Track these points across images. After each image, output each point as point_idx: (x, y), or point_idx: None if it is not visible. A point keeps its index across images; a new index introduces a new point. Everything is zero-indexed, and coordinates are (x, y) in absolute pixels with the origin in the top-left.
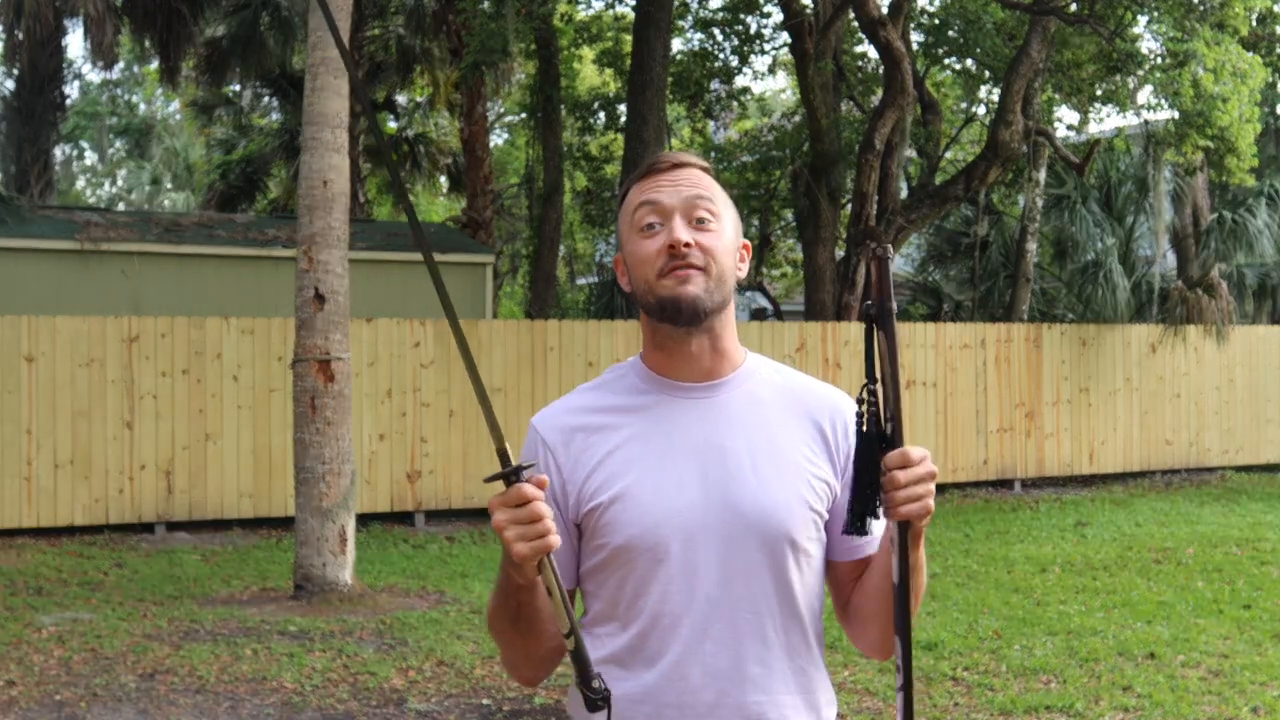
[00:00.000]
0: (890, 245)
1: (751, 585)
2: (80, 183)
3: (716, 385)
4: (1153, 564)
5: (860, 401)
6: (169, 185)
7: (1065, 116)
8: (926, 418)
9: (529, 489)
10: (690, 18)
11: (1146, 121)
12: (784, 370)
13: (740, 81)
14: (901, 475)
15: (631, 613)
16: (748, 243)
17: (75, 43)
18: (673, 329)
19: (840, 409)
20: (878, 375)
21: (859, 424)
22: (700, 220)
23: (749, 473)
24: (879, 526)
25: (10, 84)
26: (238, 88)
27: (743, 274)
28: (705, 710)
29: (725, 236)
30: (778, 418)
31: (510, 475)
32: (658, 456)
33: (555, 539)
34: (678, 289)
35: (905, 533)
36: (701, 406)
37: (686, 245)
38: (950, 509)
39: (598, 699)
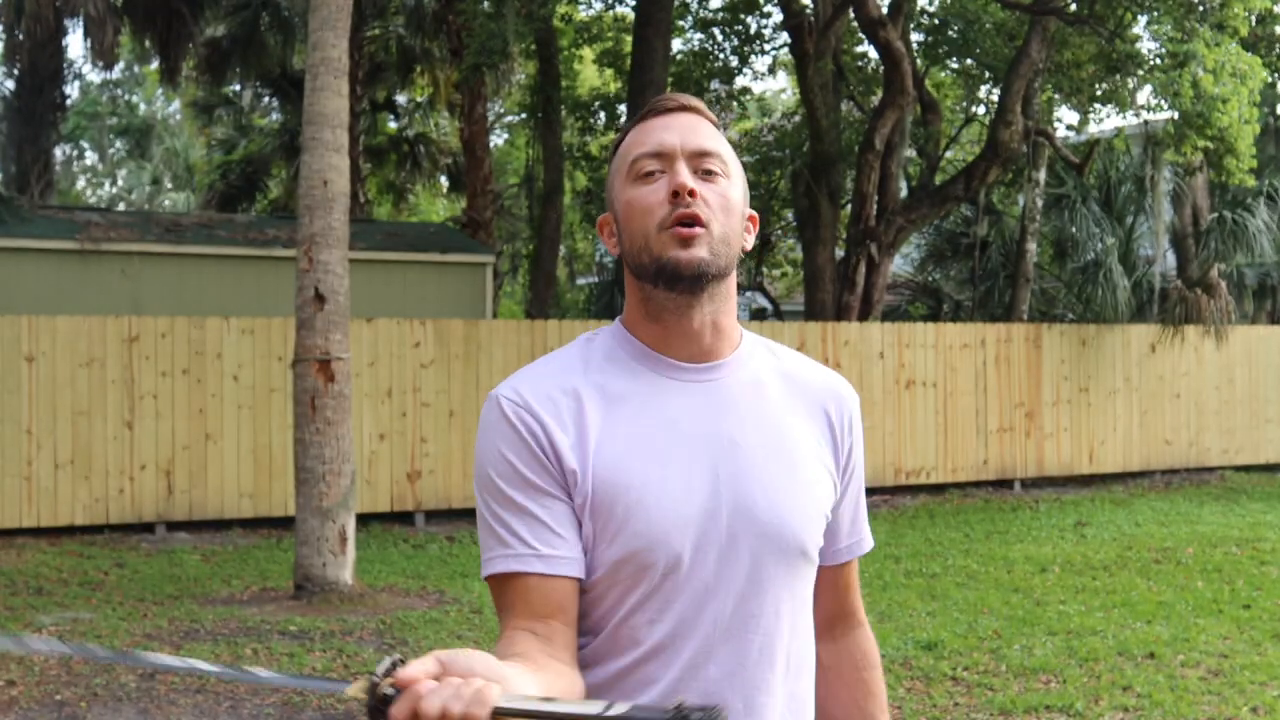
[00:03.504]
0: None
1: (764, 603)
2: (80, 183)
3: (717, 366)
4: (1152, 564)
5: None
6: (169, 185)
7: (1065, 116)
8: (926, 418)
9: (412, 686)
10: (690, 18)
11: (1146, 122)
12: (779, 350)
13: (740, 82)
14: None
15: (626, 635)
16: (754, 214)
17: (75, 43)
18: (670, 296)
19: (845, 397)
20: None
21: None
22: (708, 172)
23: (763, 472)
24: (863, 529)
25: (10, 84)
26: (238, 88)
27: (748, 245)
28: None
29: (735, 194)
30: (783, 406)
31: (379, 707)
32: (662, 449)
33: (488, 691)
34: (680, 252)
35: None
36: (704, 391)
37: (691, 193)
38: (950, 509)
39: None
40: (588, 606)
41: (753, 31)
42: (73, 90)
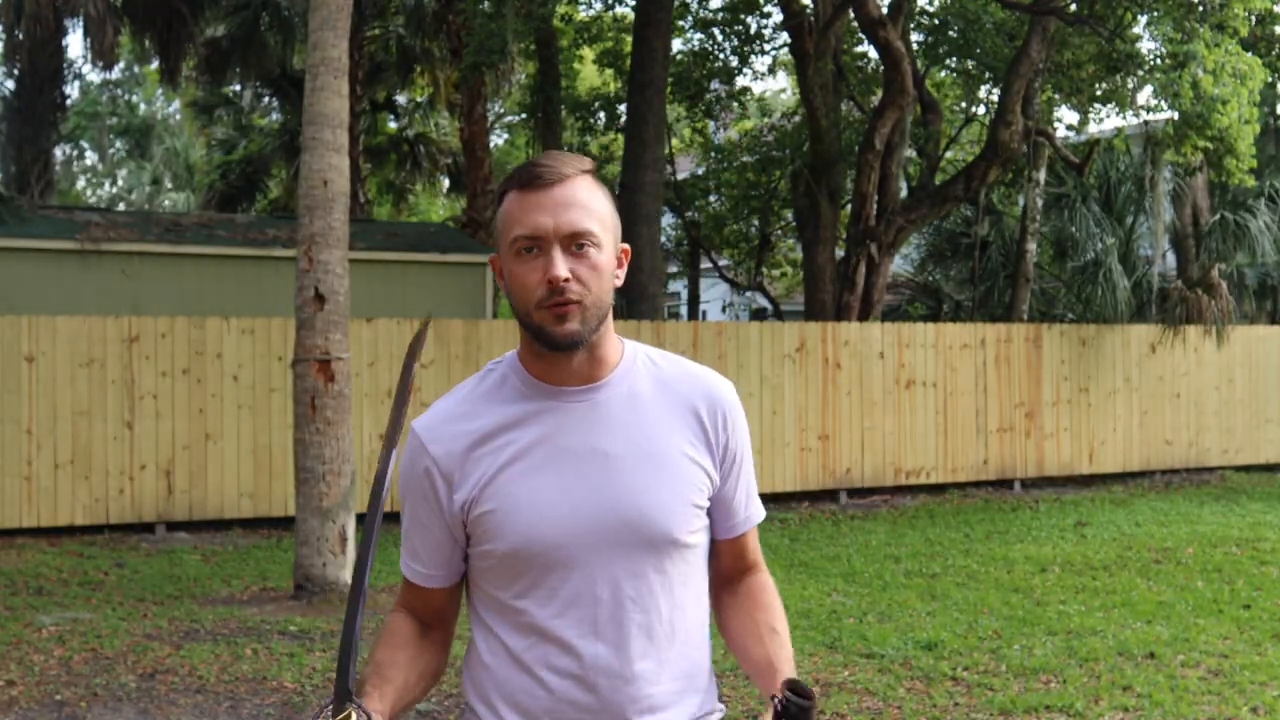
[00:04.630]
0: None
1: (639, 585)
2: (80, 183)
3: (596, 388)
4: (1152, 564)
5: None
6: (169, 185)
7: (1065, 116)
8: (926, 418)
9: None
10: (690, 18)
11: (1146, 122)
12: (659, 358)
13: (740, 81)
14: None
15: (522, 612)
16: (627, 247)
17: (75, 43)
18: (550, 352)
19: (717, 396)
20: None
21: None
22: (580, 247)
23: (630, 477)
24: (751, 502)
25: (10, 84)
26: (238, 88)
27: (619, 281)
28: (600, 707)
29: (604, 259)
30: (655, 413)
31: None
32: (541, 464)
33: None
34: (556, 327)
35: None
36: (582, 411)
37: (565, 280)
38: (950, 509)
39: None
40: (491, 588)
41: (753, 31)
42: (73, 90)
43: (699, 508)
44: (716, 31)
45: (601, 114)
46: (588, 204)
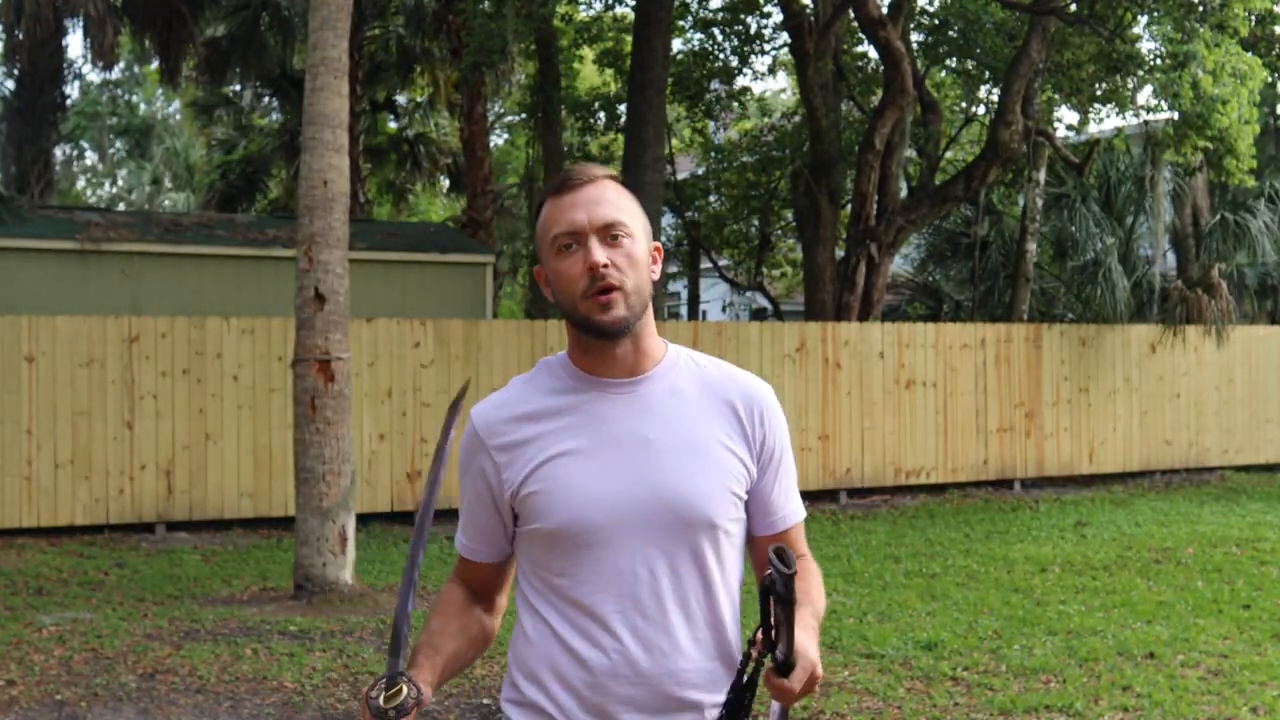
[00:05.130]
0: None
1: (677, 566)
2: (80, 183)
3: (640, 380)
4: (1152, 564)
5: (747, 657)
6: (169, 185)
7: (1065, 116)
8: (926, 418)
9: None
10: (690, 18)
11: (1146, 122)
12: (702, 360)
13: (740, 81)
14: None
15: (565, 590)
16: (659, 245)
17: (75, 43)
18: (598, 341)
19: (755, 395)
20: (773, 642)
21: (740, 671)
22: (614, 237)
23: (670, 461)
24: (791, 500)
25: (10, 84)
26: (238, 88)
27: (656, 276)
28: (640, 679)
29: (639, 249)
30: (696, 407)
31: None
32: (587, 448)
33: None
34: (602, 315)
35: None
36: (626, 401)
37: (605, 266)
38: (950, 509)
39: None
40: (533, 566)
41: (753, 31)
42: (73, 90)
43: (737, 496)
44: (716, 31)
45: (601, 114)
46: (617, 201)
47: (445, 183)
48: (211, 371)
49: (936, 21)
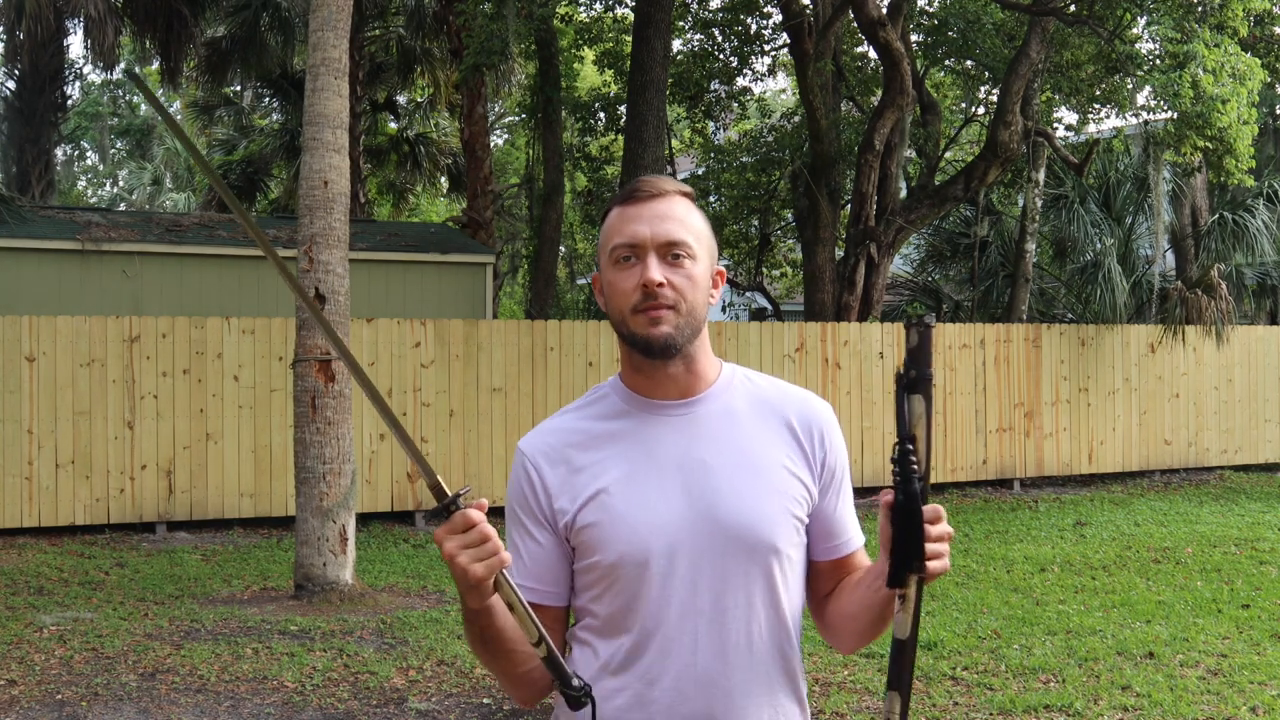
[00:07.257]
0: (934, 316)
1: (739, 594)
2: (81, 183)
3: (694, 402)
4: (1151, 564)
5: (896, 461)
6: (170, 185)
7: (1065, 117)
8: None
9: (473, 513)
10: (690, 18)
11: (1146, 122)
12: (757, 378)
13: (740, 82)
14: (934, 531)
15: (624, 624)
16: (722, 269)
17: (76, 43)
18: (648, 360)
19: (814, 413)
20: (916, 436)
21: (896, 482)
22: (675, 257)
23: (730, 485)
24: (853, 523)
25: (11, 84)
26: (238, 88)
27: (715, 301)
28: (698, 717)
29: (699, 270)
30: (754, 428)
31: (450, 506)
32: (642, 475)
33: (506, 556)
34: (650, 330)
35: (921, 587)
36: (681, 424)
37: (660, 285)
38: (950, 509)
39: (580, 695)
40: (589, 603)
41: (753, 32)
42: (73, 90)
43: (799, 519)
44: (716, 32)
45: (601, 114)
46: (684, 219)
47: (445, 183)
48: (212, 371)
49: (936, 22)
